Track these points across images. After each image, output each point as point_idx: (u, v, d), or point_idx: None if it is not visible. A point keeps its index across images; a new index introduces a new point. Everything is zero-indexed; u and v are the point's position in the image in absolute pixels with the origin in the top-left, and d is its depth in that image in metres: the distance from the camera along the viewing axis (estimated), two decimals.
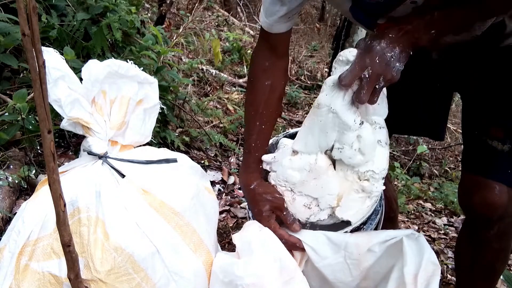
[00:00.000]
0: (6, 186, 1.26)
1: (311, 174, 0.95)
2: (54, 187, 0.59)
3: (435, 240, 2.14)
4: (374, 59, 0.82)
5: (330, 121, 0.90)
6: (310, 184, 0.95)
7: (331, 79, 0.90)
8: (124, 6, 1.87)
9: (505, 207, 0.97)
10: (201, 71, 3.23)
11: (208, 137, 2.29)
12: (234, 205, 1.86)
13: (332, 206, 0.96)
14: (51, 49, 0.97)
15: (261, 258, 0.90)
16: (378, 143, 0.94)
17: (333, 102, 0.88)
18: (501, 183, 0.97)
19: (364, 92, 0.84)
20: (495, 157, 0.98)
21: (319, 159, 0.94)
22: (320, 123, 0.91)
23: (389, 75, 0.83)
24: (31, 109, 1.37)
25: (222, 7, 5.67)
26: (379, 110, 0.94)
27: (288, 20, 1.00)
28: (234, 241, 0.99)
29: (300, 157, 0.95)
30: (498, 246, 1.04)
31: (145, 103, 1.11)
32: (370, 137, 0.91)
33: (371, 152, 0.92)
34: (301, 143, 0.95)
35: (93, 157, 0.99)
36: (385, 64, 0.82)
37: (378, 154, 0.93)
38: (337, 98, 0.88)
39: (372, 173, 0.92)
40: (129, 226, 0.89)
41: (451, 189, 3.00)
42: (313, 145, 0.94)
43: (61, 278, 0.82)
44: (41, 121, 0.56)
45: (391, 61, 0.82)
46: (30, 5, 0.50)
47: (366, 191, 0.94)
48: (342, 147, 0.91)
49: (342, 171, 0.95)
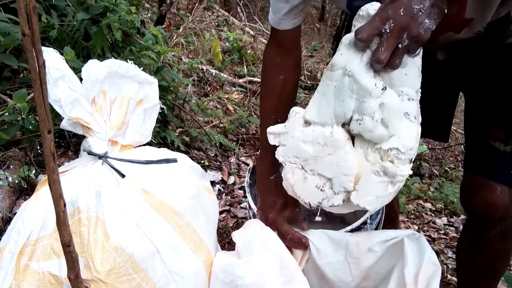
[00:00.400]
0: (6, 186, 1.26)
1: (325, 149, 0.81)
2: (54, 187, 0.59)
3: (435, 240, 2.14)
4: (398, 10, 0.70)
5: (346, 86, 0.76)
6: (325, 161, 0.82)
7: (347, 37, 0.77)
8: (124, 6, 1.87)
9: (506, 207, 0.97)
10: (201, 71, 3.23)
11: (208, 137, 2.29)
12: (234, 205, 1.86)
13: (347, 190, 0.82)
14: (51, 49, 0.97)
15: (261, 257, 0.90)
16: (405, 115, 0.77)
17: (349, 63, 0.75)
18: (502, 184, 0.97)
19: (382, 50, 0.71)
20: (496, 158, 0.98)
21: (335, 131, 0.80)
22: (334, 89, 0.78)
23: (414, 31, 0.70)
24: (31, 109, 1.37)
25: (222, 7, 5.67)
26: (408, 80, 0.77)
27: (294, 17, 1.01)
28: (234, 239, 0.99)
29: (313, 129, 0.82)
30: (500, 246, 1.04)
31: (145, 103, 1.11)
32: (396, 104, 0.75)
33: (396, 124, 0.76)
34: (314, 112, 0.82)
35: (93, 157, 0.99)
36: (410, 17, 0.70)
37: (405, 129, 0.77)
38: (354, 59, 0.75)
39: (397, 151, 0.77)
40: (129, 226, 0.88)
41: (451, 189, 3.00)
42: (328, 114, 0.80)
43: (61, 278, 0.82)
44: (41, 121, 0.56)
45: (419, 15, 0.70)
46: (30, 5, 0.50)
47: (389, 174, 0.78)
48: (362, 118, 0.76)
49: (361, 149, 0.80)
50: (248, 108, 3.03)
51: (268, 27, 5.51)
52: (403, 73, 0.76)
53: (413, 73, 0.77)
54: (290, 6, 0.98)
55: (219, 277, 0.91)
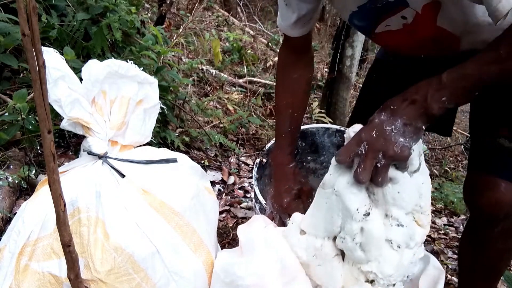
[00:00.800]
0: (6, 186, 1.26)
1: (315, 259, 0.86)
2: (54, 187, 0.59)
3: (435, 240, 2.14)
4: (371, 132, 0.74)
5: (334, 204, 0.79)
6: (315, 269, 0.86)
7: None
8: (124, 6, 1.87)
9: (511, 204, 0.95)
10: (201, 71, 3.23)
11: (208, 137, 2.28)
12: (234, 205, 1.86)
13: None
14: (51, 49, 0.98)
15: (263, 257, 0.89)
16: (387, 242, 0.79)
17: (337, 183, 0.79)
18: (507, 181, 0.95)
19: (360, 170, 0.74)
20: (501, 154, 0.97)
21: (325, 245, 0.84)
22: (325, 205, 0.82)
23: (390, 151, 0.72)
24: (31, 109, 1.37)
25: (222, 7, 5.67)
26: (400, 199, 0.77)
27: (303, 26, 1.05)
28: (238, 233, 0.98)
29: (307, 238, 0.87)
30: (503, 246, 1.02)
31: (145, 103, 1.11)
32: (376, 233, 0.77)
33: (374, 251, 0.78)
34: (308, 223, 0.87)
35: (93, 157, 0.99)
36: (383, 138, 0.73)
37: (386, 256, 0.79)
38: (342, 179, 0.78)
39: (375, 275, 0.80)
40: (129, 226, 0.88)
41: (451, 189, 3.00)
42: (320, 227, 0.84)
43: (61, 278, 0.82)
44: (41, 121, 0.56)
45: (392, 135, 0.73)
46: (30, 5, 0.50)
47: None
48: (344, 237, 0.80)
49: (348, 264, 0.84)
50: (248, 108, 3.03)
51: (268, 27, 5.51)
52: (396, 190, 0.77)
53: (408, 191, 0.77)
54: (298, 16, 1.01)
55: (220, 277, 0.91)
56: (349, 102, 3.41)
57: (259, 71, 3.98)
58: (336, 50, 3.19)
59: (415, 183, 0.78)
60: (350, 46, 3.14)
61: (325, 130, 1.33)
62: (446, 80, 0.72)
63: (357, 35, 3.12)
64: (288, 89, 1.14)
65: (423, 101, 0.73)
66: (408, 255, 0.80)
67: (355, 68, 3.28)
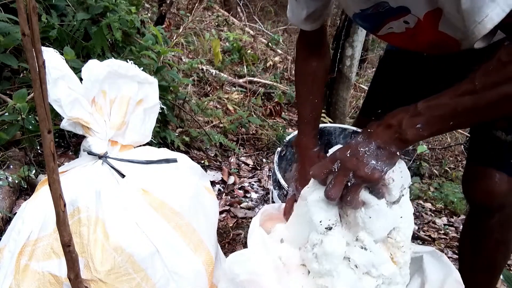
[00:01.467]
0: (6, 186, 1.26)
1: (283, 268, 0.86)
2: (54, 187, 0.59)
3: (435, 240, 2.14)
4: (345, 152, 0.77)
5: (306, 215, 0.83)
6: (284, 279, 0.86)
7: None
8: (124, 6, 1.87)
9: (504, 195, 0.99)
10: (201, 71, 3.23)
11: (208, 137, 2.28)
12: (234, 205, 1.86)
13: None
14: (51, 49, 0.98)
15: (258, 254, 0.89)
16: (346, 260, 0.80)
17: (310, 196, 0.82)
18: (501, 172, 0.99)
19: (331, 187, 0.76)
20: (497, 146, 1.00)
21: (295, 254, 0.86)
22: (300, 216, 0.85)
23: (361, 172, 0.74)
24: (31, 109, 1.37)
25: (222, 7, 5.67)
26: (370, 224, 0.78)
27: (314, 21, 1.07)
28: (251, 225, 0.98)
29: (283, 246, 0.88)
30: (499, 237, 1.05)
31: (145, 103, 1.11)
32: (329, 248, 0.79)
33: (327, 266, 0.79)
34: (286, 232, 0.90)
35: (93, 157, 0.99)
36: (355, 158, 0.75)
37: (341, 273, 0.79)
38: (315, 193, 0.81)
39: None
40: (129, 226, 0.89)
41: (451, 189, 3.00)
42: (295, 237, 0.87)
43: (61, 278, 0.82)
44: (41, 121, 0.56)
45: (365, 157, 0.75)
46: (30, 5, 0.50)
47: None
48: (306, 247, 0.83)
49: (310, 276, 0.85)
50: (248, 108, 3.03)
51: (268, 27, 5.51)
52: (368, 215, 0.78)
53: (382, 219, 0.78)
54: (307, 12, 1.03)
55: (226, 274, 0.91)
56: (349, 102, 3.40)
57: (259, 71, 3.97)
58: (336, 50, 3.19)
59: (392, 214, 0.79)
60: (350, 46, 3.14)
61: (342, 130, 1.35)
62: (421, 108, 0.73)
63: (357, 35, 3.12)
64: (308, 77, 1.19)
65: (398, 127, 0.74)
66: (369, 282, 0.80)
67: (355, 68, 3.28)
